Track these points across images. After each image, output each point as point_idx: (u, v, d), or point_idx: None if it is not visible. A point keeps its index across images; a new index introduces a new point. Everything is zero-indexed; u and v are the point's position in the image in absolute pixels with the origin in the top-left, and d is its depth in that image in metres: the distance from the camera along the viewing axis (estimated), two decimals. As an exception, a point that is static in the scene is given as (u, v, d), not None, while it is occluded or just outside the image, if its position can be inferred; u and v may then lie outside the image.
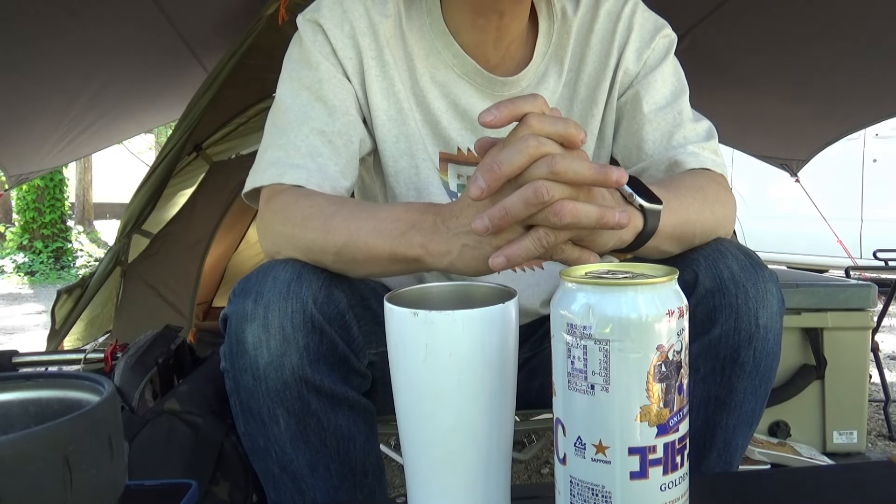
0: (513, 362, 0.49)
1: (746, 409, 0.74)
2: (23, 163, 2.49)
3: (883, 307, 2.34)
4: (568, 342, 0.40)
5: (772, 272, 0.74)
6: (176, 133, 2.10)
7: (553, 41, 0.87)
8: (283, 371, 0.66)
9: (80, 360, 1.34)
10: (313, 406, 0.69)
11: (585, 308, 0.39)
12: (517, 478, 1.89)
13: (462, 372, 0.46)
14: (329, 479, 0.71)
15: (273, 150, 0.80)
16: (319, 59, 0.81)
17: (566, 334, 0.41)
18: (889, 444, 2.15)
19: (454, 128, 0.86)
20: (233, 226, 2.94)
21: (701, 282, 0.73)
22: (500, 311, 0.47)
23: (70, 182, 9.74)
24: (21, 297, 6.40)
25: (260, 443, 0.70)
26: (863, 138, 5.03)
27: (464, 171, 0.88)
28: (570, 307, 0.40)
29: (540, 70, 0.87)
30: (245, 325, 0.66)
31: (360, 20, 0.82)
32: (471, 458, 0.48)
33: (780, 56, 2.26)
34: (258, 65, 2.09)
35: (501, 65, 0.86)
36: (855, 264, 3.83)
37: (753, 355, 0.71)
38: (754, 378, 0.72)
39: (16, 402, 0.42)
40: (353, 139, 0.83)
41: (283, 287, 0.67)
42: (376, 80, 0.84)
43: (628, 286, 0.39)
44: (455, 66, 0.85)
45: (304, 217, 0.71)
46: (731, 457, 0.75)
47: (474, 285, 0.54)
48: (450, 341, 0.46)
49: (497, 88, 0.85)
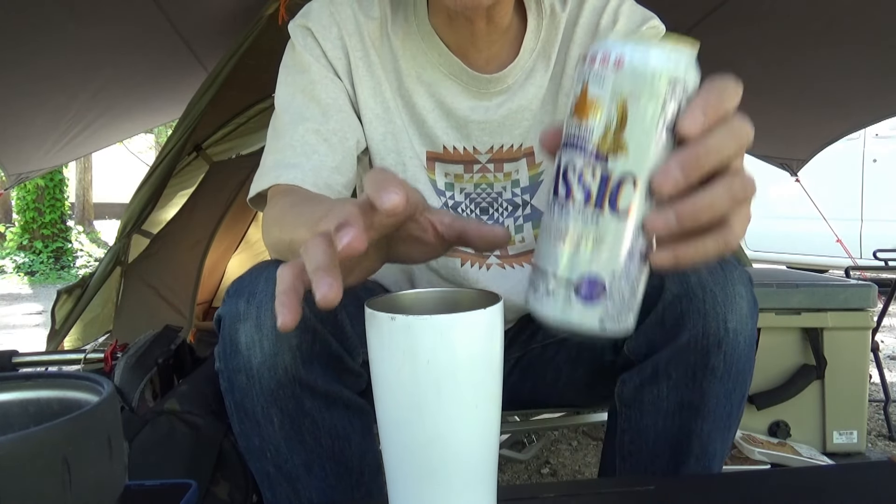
0: (497, 371, 0.47)
1: (721, 414, 0.73)
2: (22, 161, 2.50)
3: (883, 307, 2.34)
4: (665, 101, 0.41)
5: (743, 272, 0.72)
6: (176, 133, 2.11)
7: (541, 38, 0.88)
8: (276, 370, 0.66)
9: (80, 360, 1.34)
10: (307, 405, 0.69)
11: (687, 63, 0.41)
12: (517, 478, 1.89)
13: (441, 380, 0.44)
14: (325, 478, 0.71)
15: (272, 154, 0.81)
16: (310, 61, 0.83)
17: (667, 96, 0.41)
18: (889, 444, 2.15)
19: (440, 126, 0.87)
20: (233, 226, 2.94)
21: (668, 287, 0.72)
22: (482, 316, 0.45)
23: (70, 182, 9.74)
24: (21, 297, 6.40)
25: (255, 443, 0.70)
26: (863, 138, 5.03)
27: (451, 170, 0.89)
28: (679, 65, 0.41)
29: (527, 66, 0.87)
30: (238, 324, 0.66)
31: (347, 22, 0.84)
32: (452, 470, 0.46)
33: (780, 56, 2.26)
34: (258, 65, 2.09)
35: (488, 63, 0.86)
36: (855, 264, 3.83)
37: (724, 360, 0.70)
38: (726, 382, 0.71)
39: (15, 403, 0.42)
40: (349, 136, 0.83)
41: (275, 287, 0.67)
42: (364, 78, 0.85)
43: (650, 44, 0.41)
44: (441, 66, 0.86)
45: (280, 215, 0.70)
46: (709, 461, 0.74)
47: (463, 292, 0.52)
48: (428, 347, 0.44)
49: (483, 86, 0.86)
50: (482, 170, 0.89)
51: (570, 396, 0.97)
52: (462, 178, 0.89)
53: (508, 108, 0.86)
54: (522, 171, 0.89)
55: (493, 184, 0.89)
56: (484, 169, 0.89)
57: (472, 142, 0.88)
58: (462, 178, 0.89)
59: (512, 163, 0.89)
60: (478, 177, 0.89)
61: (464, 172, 0.89)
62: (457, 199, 0.89)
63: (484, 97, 0.86)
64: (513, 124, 0.87)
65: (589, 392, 0.94)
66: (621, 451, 0.79)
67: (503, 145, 0.88)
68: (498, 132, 0.87)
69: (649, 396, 0.75)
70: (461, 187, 0.89)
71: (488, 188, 0.89)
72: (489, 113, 0.86)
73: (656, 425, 0.75)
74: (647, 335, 0.75)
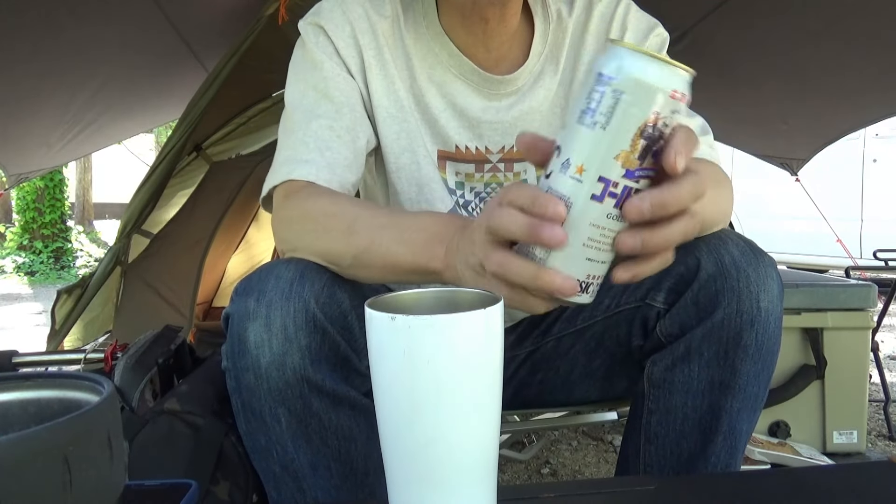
0: (497, 371, 0.47)
1: (750, 393, 0.75)
2: (22, 161, 2.49)
3: (883, 307, 2.34)
4: (592, 87, 0.49)
5: (771, 258, 0.75)
6: (176, 133, 2.10)
7: (549, 41, 0.89)
8: (284, 370, 0.66)
9: (80, 360, 1.34)
10: (314, 406, 0.69)
11: (618, 64, 0.48)
12: (517, 478, 1.89)
13: (441, 380, 0.44)
14: (330, 478, 0.71)
15: (284, 151, 0.81)
16: (323, 59, 0.83)
17: (595, 82, 0.49)
18: (889, 444, 2.15)
19: (452, 126, 0.88)
20: (233, 226, 2.94)
21: (703, 267, 0.74)
22: (481, 316, 0.45)
23: (70, 182, 9.74)
24: (21, 297, 6.40)
25: (261, 442, 0.70)
26: (863, 138, 5.03)
27: (462, 169, 0.90)
28: (608, 62, 0.49)
29: (536, 69, 0.88)
30: (247, 323, 0.66)
31: (359, 21, 0.84)
32: (452, 470, 0.46)
33: (780, 55, 2.26)
34: (258, 65, 2.10)
35: (497, 65, 0.87)
36: (855, 264, 3.83)
37: (756, 338, 0.73)
38: (757, 361, 0.74)
39: (15, 403, 0.42)
40: (360, 135, 0.84)
41: (285, 286, 0.67)
42: (377, 77, 0.85)
43: (653, 59, 0.48)
44: (452, 66, 0.86)
45: (327, 216, 0.71)
46: (736, 440, 0.76)
47: (462, 291, 0.52)
48: (428, 348, 0.44)
49: (494, 87, 0.87)
50: (493, 169, 0.90)
51: (581, 390, 0.97)
52: (473, 178, 0.90)
53: (519, 109, 0.88)
54: (531, 172, 0.90)
55: (504, 183, 0.90)
56: (494, 169, 0.90)
57: (484, 142, 0.89)
58: (473, 177, 0.90)
59: (521, 163, 0.90)
60: (488, 176, 0.90)
61: (475, 172, 0.90)
62: (467, 197, 0.90)
63: (494, 98, 0.87)
64: (524, 126, 0.88)
65: (603, 383, 0.94)
66: (647, 434, 0.80)
67: (514, 146, 0.89)
68: (510, 132, 0.88)
69: (680, 376, 0.77)
70: (471, 186, 0.90)
71: (498, 188, 0.90)
72: (500, 114, 0.87)
73: (685, 405, 0.77)
74: (680, 315, 0.77)
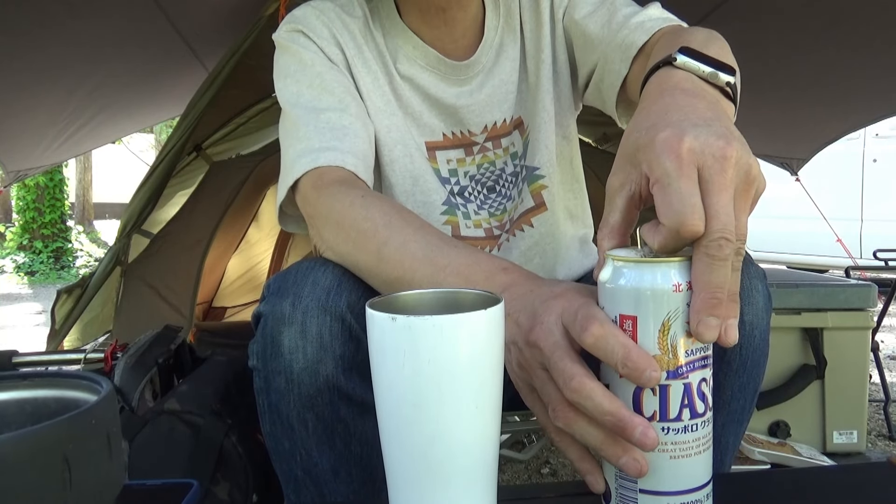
0: (498, 371, 0.47)
1: (735, 407, 0.73)
2: (21, 158, 2.49)
3: (883, 307, 2.34)
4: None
5: (758, 269, 0.73)
6: (176, 133, 2.10)
7: (501, 13, 0.90)
8: (317, 378, 0.66)
9: (80, 360, 1.34)
10: (342, 412, 0.69)
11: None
12: (517, 478, 1.89)
13: (442, 380, 0.44)
14: (350, 483, 0.71)
15: (296, 145, 0.78)
16: (312, 57, 0.83)
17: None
18: (889, 444, 2.15)
19: (433, 116, 0.89)
20: (233, 226, 2.94)
21: None
22: (483, 316, 0.45)
23: (70, 182, 9.75)
24: (21, 297, 6.40)
25: (285, 445, 0.70)
26: (863, 138, 5.03)
27: (452, 156, 0.90)
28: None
29: (496, 43, 0.90)
30: (282, 328, 0.66)
31: (334, 22, 0.86)
32: (452, 470, 0.46)
33: (780, 55, 2.26)
34: (258, 65, 2.09)
35: (463, 51, 0.89)
36: (855, 264, 3.83)
37: (739, 353, 0.71)
38: (741, 375, 0.72)
39: (12, 402, 0.42)
40: (368, 123, 0.84)
41: (322, 295, 0.67)
42: (362, 73, 0.86)
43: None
44: (418, 59, 0.88)
45: (358, 232, 0.69)
46: (722, 454, 0.75)
47: (463, 292, 0.52)
48: (429, 348, 0.44)
49: (461, 72, 0.88)
50: (482, 150, 0.91)
51: None
52: (464, 162, 0.91)
53: (491, 85, 0.89)
54: (517, 142, 0.91)
55: (495, 161, 0.91)
56: (483, 148, 0.91)
57: (466, 125, 0.90)
58: (464, 161, 0.91)
59: (507, 137, 0.91)
60: (479, 157, 0.91)
61: (465, 156, 0.91)
62: (462, 183, 0.91)
63: (464, 83, 0.89)
64: (499, 101, 0.89)
65: None
66: None
67: (495, 122, 0.90)
68: (487, 111, 0.89)
69: None
70: (465, 171, 0.91)
71: (491, 166, 0.91)
72: (473, 96, 0.89)
73: None
74: None
